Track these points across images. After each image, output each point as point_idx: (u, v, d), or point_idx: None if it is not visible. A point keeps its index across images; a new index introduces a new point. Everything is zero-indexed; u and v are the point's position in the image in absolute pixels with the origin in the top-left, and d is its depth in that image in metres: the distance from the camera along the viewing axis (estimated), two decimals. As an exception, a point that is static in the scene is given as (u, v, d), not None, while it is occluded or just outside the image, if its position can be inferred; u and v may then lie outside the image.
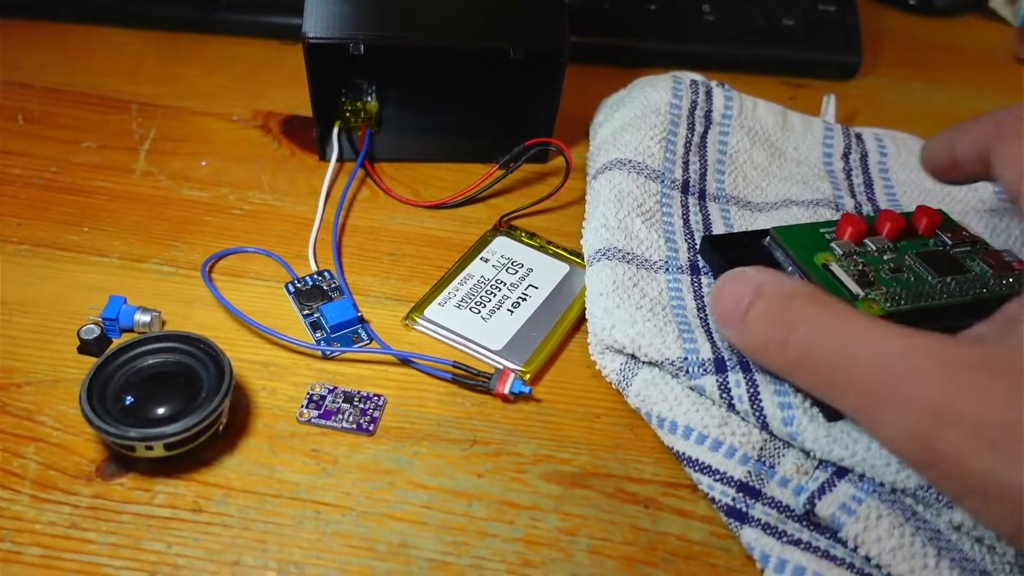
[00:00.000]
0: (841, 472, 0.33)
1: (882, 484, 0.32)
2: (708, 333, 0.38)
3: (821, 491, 0.33)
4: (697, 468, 0.35)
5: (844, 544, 0.32)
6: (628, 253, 0.41)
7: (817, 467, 0.34)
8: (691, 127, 0.48)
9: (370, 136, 0.50)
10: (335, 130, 0.50)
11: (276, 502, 0.34)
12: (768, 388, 0.34)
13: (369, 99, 0.52)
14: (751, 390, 0.34)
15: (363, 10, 0.46)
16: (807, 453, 0.34)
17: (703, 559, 0.33)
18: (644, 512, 0.35)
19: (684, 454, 0.35)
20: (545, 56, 0.46)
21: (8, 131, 0.50)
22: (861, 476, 0.33)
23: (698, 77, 0.51)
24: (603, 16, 0.60)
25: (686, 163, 0.47)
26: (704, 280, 0.41)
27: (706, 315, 0.39)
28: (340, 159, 0.50)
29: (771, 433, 0.35)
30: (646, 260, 0.41)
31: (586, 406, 0.38)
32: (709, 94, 0.50)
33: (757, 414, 0.34)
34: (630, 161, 0.45)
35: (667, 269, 0.41)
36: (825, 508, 0.32)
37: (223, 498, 0.34)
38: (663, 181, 0.45)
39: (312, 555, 0.33)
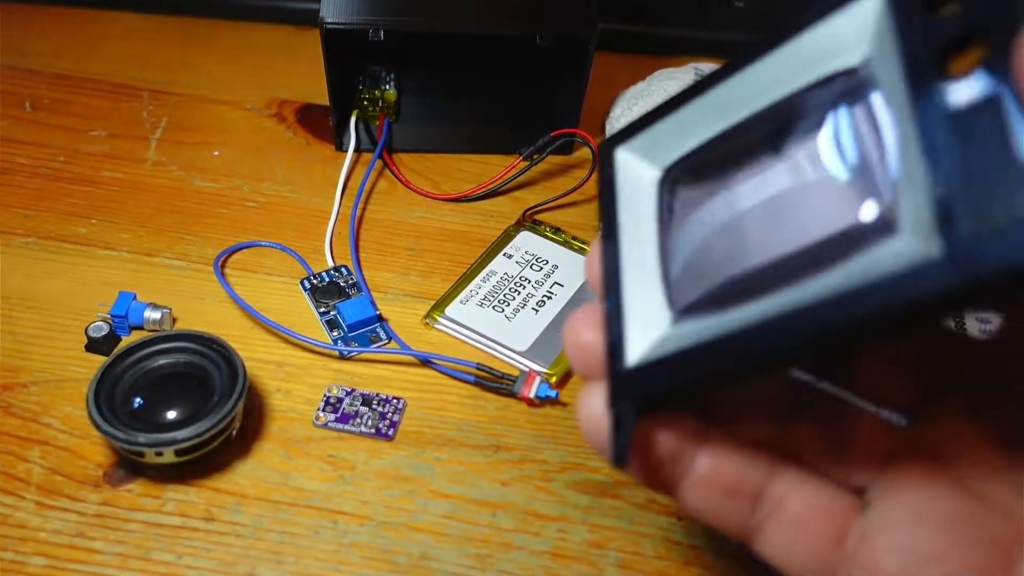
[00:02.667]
0: None
1: None
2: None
3: None
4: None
5: None
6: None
7: None
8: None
9: (389, 126, 0.49)
10: (352, 119, 0.48)
11: (292, 511, 0.33)
12: None
13: (388, 87, 0.51)
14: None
15: (382, -6, 0.44)
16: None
17: (740, 574, 0.32)
18: (677, 524, 0.33)
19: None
20: (572, 43, 0.44)
21: (16, 119, 0.49)
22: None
23: (718, 68, 0.49)
24: (628, 1, 0.58)
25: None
26: None
27: None
28: (357, 150, 0.48)
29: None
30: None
31: (615, 411, 0.37)
32: None
33: None
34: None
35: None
36: None
37: (236, 506, 0.33)
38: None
39: (329, 567, 0.31)
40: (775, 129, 0.20)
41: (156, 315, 0.38)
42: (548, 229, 0.44)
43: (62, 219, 0.43)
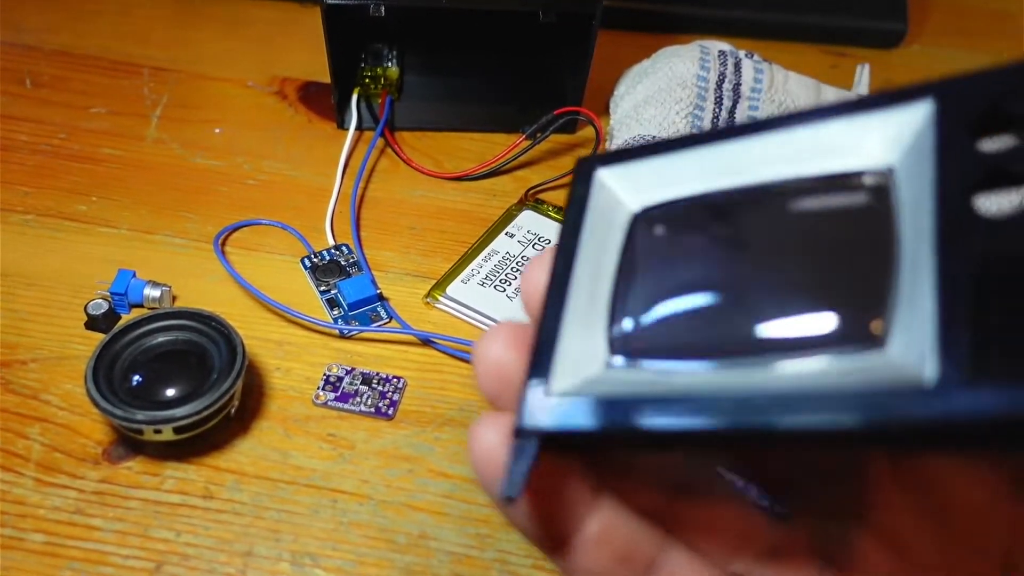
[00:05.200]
0: None
1: None
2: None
3: None
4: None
5: None
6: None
7: None
8: (719, 101, 0.46)
9: (391, 104, 0.48)
10: (354, 97, 0.48)
11: (291, 489, 0.32)
12: None
13: (390, 65, 0.50)
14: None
15: (384, -31, 0.44)
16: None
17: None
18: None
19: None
20: (576, 19, 0.44)
21: (14, 95, 0.49)
22: None
23: (726, 46, 0.48)
24: (634, -21, 0.58)
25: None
26: None
27: None
28: (359, 128, 0.48)
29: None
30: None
31: (616, 391, 0.37)
32: (738, 66, 0.47)
33: None
34: (654, 138, 0.42)
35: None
36: None
37: (235, 484, 0.32)
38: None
39: (328, 546, 0.31)
40: (771, 207, 0.19)
41: (156, 293, 0.38)
42: (551, 208, 0.44)
43: (62, 196, 0.43)
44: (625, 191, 0.21)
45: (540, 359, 0.19)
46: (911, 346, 0.15)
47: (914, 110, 0.17)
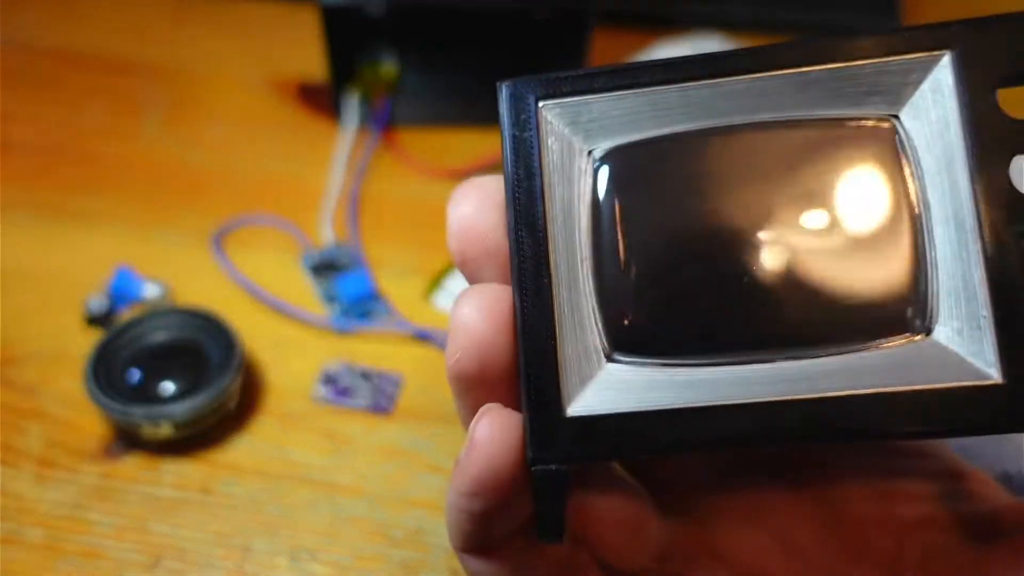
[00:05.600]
0: None
1: None
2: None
3: None
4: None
5: None
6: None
7: None
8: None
9: (389, 102, 0.48)
10: (352, 95, 0.48)
11: (288, 485, 0.33)
12: None
13: (388, 63, 0.50)
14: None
15: (381, -32, 0.44)
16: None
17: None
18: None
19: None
20: (571, 16, 0.44)
21: (13, 94, 0.49)
22: None
23: (719, 44, 0.48)
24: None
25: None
26: None
27: None
28: (358, 125, 0.48)
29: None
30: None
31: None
32: None
33: None
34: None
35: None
36: None
37: (233, 480, 0.33)
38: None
39: (325, 541, 0.31)
40: (776, 157, 0.17)
41: (154, 290, 0.38)
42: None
43: (60, 194, 0.43)
44: (574, 131, 0.18)
45: (540, 375, 0.17)
46: (967, 341, 0.15)
47: (935, 64, 0.16)
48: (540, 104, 0.18)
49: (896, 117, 0.16)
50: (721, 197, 0.17)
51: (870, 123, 0.16)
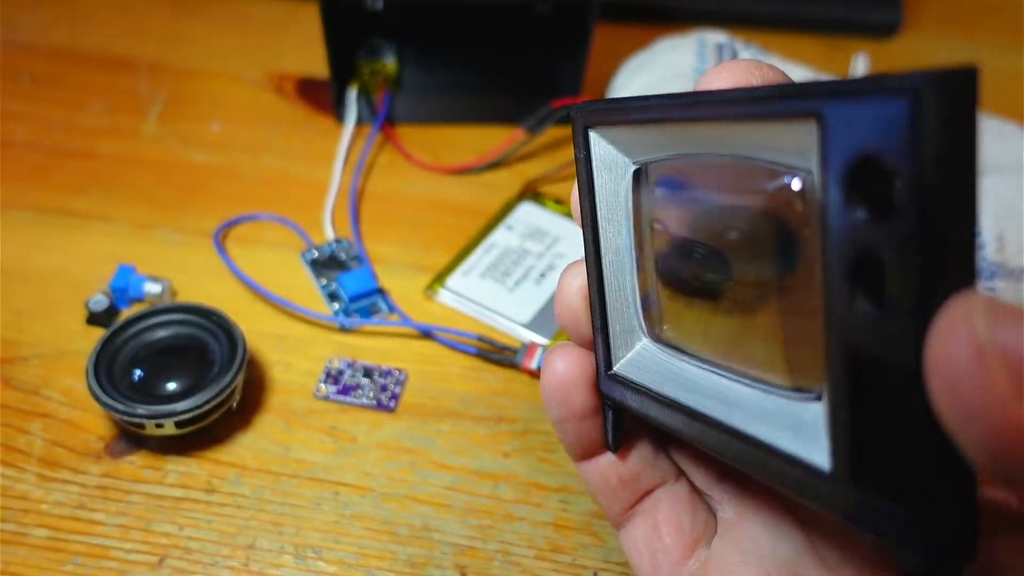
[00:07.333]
0: None
1: None
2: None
3: None
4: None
5: None
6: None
7: None
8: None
9: (389, 98, 0.48)
10: (353, 92, 0.48)
11: (292, 482, 0.32)
12: None
13: (388, 59, 0.50)
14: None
15: (381, -37, 0.44)
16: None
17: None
18: (680, 495, 0.33)
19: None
20: (573, 11, 0.44)
21: (13, 93, 0.49)
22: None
23: (724, 38, 0.48)
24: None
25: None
26: None
27: None
28: (358, 122, 0.48)
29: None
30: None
31: (617, 382, 0.37)
32: (735, 57, 0.47)
33: None
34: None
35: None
36: None
37: (237, 478, 0.32)
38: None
39: (330, 538, 0.31)
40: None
41: (156, 288, 0.38)
42: (550, 201, 0.44)
43: (61, 193, 0.43)
44: (617, 149, 0.21)
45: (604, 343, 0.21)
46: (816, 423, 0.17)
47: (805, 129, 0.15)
48: (589, 130, 0.21)
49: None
50: (708, 215, 0.20)
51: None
